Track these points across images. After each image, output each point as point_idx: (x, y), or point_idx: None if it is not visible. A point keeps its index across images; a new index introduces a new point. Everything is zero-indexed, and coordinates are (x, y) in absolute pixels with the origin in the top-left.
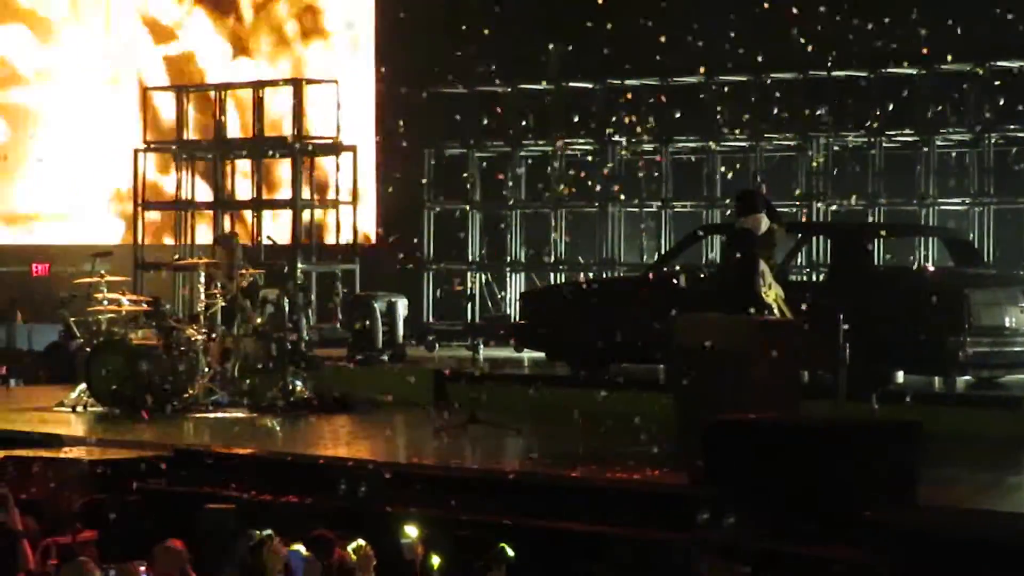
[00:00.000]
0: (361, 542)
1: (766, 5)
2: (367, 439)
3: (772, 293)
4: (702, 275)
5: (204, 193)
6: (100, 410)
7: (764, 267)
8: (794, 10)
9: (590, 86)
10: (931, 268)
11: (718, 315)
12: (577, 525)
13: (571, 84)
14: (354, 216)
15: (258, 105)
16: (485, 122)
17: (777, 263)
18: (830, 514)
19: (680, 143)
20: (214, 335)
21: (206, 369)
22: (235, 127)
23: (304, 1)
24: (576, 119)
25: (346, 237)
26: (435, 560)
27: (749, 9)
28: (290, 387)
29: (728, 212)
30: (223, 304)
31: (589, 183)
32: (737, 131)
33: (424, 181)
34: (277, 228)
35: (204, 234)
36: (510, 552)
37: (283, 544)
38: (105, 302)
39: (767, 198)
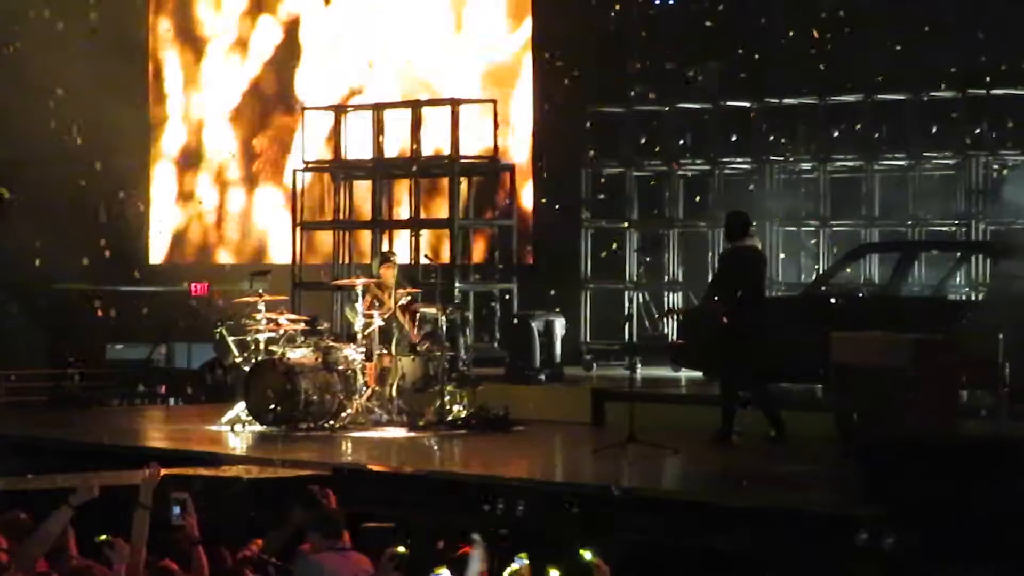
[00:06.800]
0: (524, 562)
1: (925, 25)
2: (525, 458)
3: None
4: (861, 294)
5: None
6: (258, 429)
7: None
8: (951, 28)
9: (748, 104)
10: None
11: (876, 334)
12: (735, 546)
13: (728, 103)
14: (512, 235)
15: (416, 124)
16: (643, 141)
17: None
18: (986, 533)
19: (839, 162)
20: (373, 354)
21: (364, 388)
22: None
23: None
24: (734, 138)
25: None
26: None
27: (907, 27)
28: (448, 406)
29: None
30: (381, 323)
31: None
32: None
33: (582, 200)
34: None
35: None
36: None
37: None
38: (263, 321)
39: None
